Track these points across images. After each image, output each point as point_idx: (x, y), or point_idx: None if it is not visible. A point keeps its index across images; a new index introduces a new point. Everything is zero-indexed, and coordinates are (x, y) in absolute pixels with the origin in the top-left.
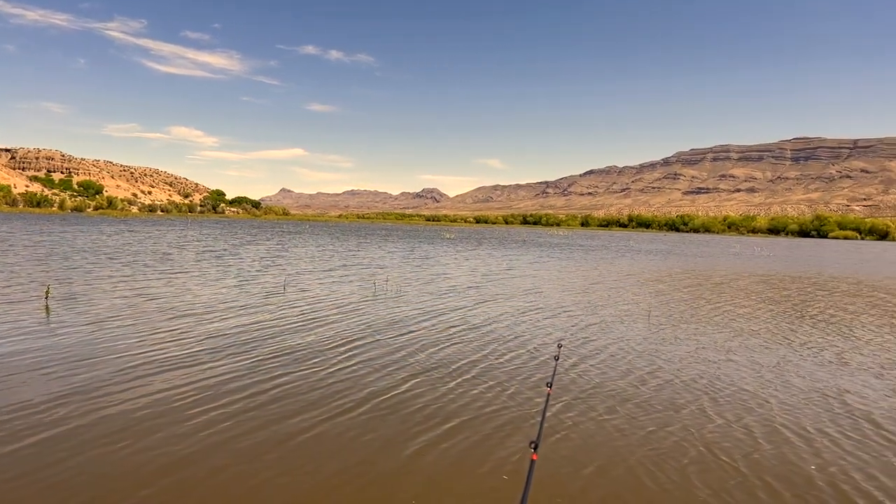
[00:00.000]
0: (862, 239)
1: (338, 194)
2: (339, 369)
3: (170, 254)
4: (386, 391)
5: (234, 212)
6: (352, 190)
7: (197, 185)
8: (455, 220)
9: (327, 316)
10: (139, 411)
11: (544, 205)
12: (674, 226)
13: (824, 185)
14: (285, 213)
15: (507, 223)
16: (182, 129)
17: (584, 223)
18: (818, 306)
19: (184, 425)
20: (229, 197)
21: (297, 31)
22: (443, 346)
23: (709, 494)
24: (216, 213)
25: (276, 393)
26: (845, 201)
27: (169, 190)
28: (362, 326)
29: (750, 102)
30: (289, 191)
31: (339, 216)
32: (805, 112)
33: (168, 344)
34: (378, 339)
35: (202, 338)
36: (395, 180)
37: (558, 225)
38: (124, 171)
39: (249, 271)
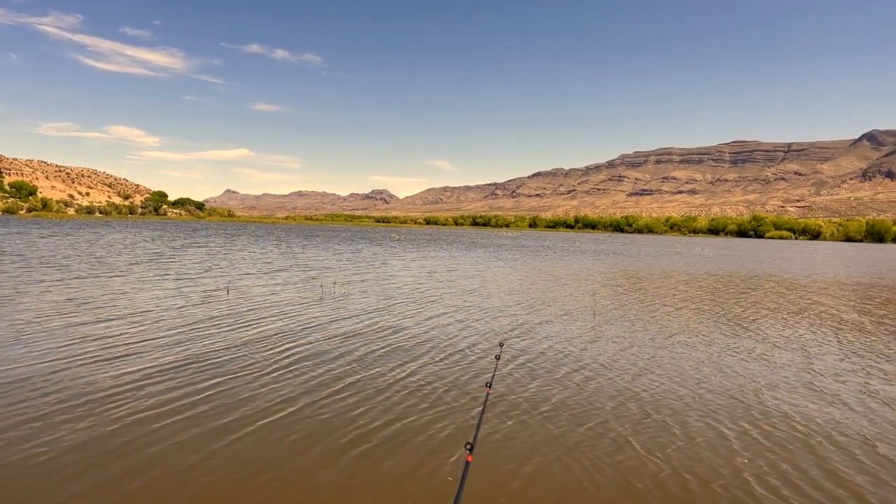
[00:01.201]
0: (796, 238)
1: (285, 195)
2: (275, 372)
3: (106, 257)
4: (322, 394)
5: (176, 213)
6: (299, 191)
7: (138, 186)
8: (405, 222)
9: (266, 318)
10: (59, 414)
11: (493, 206)
12: (619, 227)
13: (761, 187)
14: (230, 215)
15: (456, 224)
16: (122, 128)
17: (533, 224)
18: (750, 304)
19: (106, 427)
20: (172, 198)
21: (242, 29)
22: (384, 347)
23: (642, 489)
24: (158, 214)
25: (204, 396)
26: (780, 202)
27: (108, 191)
28: (302, 329)
29: (691, 106)
30: (234, 192)
31: (286, 218)
32: (742, 116)
33: (93, 346)
34: (317, 342)
35: (133, 341)
36: (343, 181)
37: (507, 226)
38: (60, 171)
39: (189, 274)
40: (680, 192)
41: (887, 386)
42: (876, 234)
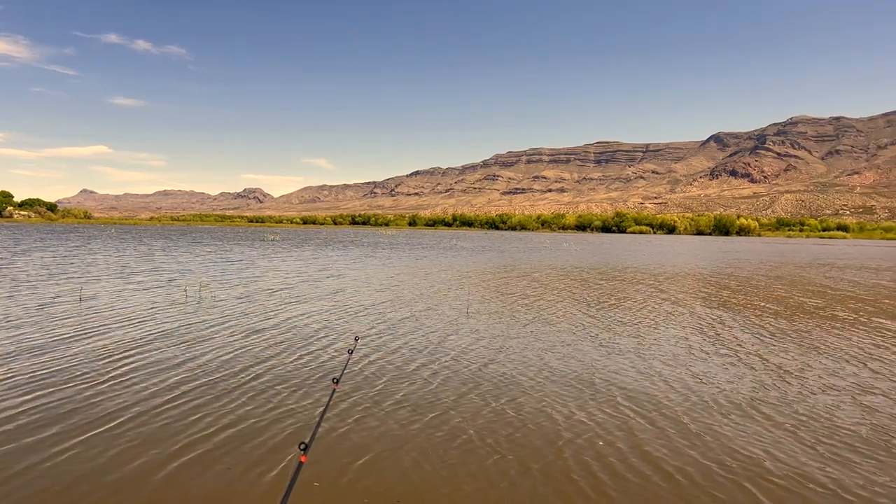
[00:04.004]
0: (654, 233)
1: (149, 195)
2: (109, 382)
3: None
4: (157, 402)
5: (24, 216)
6: (164, 190)
7: None
8: (281, 222)
9: (111, 326)
10: None
11: (372, 205)
12: (494, 224)
13: (622, 185)
14: (87, 217)
15: (335, 224)
16: None
17: (412, 223)
18: (606, 295)
19: None
20: (19, 199)
21: (98, 17)
22: (234, 351)
23: (464, 475)
24: (2, 217)
25: (23, 410)
26: (640, 199)
27: None
28: (149, 335)
29: (558, 108)
30: (91, 192)
31: (151, 219)
32: (606, 118)
33: None
34: (165, 347)
35: None
36: (214, 180)
37: (387, 225)
38: None
39: (29, 280)
40: (550, 190)
41: (707, 367)
42: (722, 228)
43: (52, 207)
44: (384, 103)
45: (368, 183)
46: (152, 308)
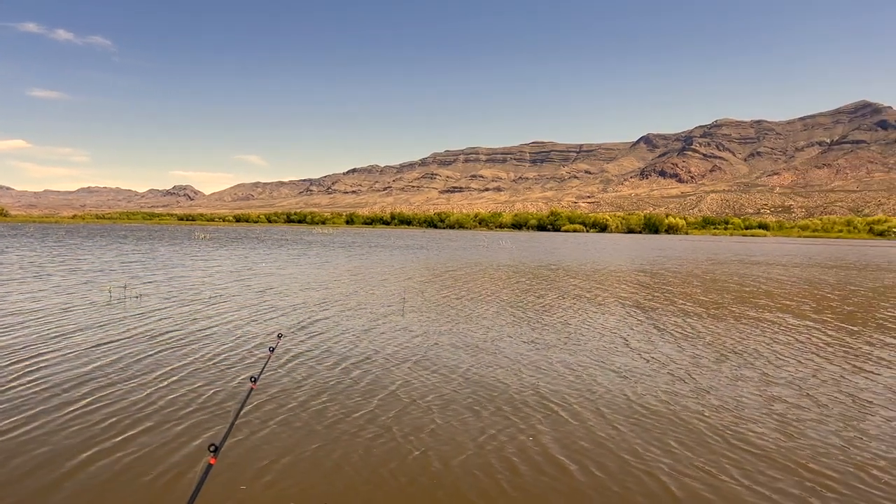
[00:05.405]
0: (587, 231)
1: (71, 192)
2: (15, 386)
3: None
4: (67, 408)
5: None
6: (88, 187)
7: None
8: (213, 220)
9: (19, 326)
10: None
11: (308, 203)
12: (432, 223)
13: (557, 185)
14: (3, 215)
15: (270, 222)
16: None
17: (350, 221)
18: (537, 292)
19: None
20: None
21: (14, 4)
22: (155, 351)
23: (385, 474)
24: None
25: None
26: (574, 199)
27: None
28: (62, 336)
29: (495, 107)
30: (8, 188)
31: (74, 217)
32: (541, 118)
33: None
34: (78, 350)
35: None
36: (141, 177)
37: (324, 223)
38: None
39: None
40: (487, 189)
41: (630, 360)
42: (652, 227)
43: None
44: (319, 99)
45: (304, 180)
46: (67, 309)
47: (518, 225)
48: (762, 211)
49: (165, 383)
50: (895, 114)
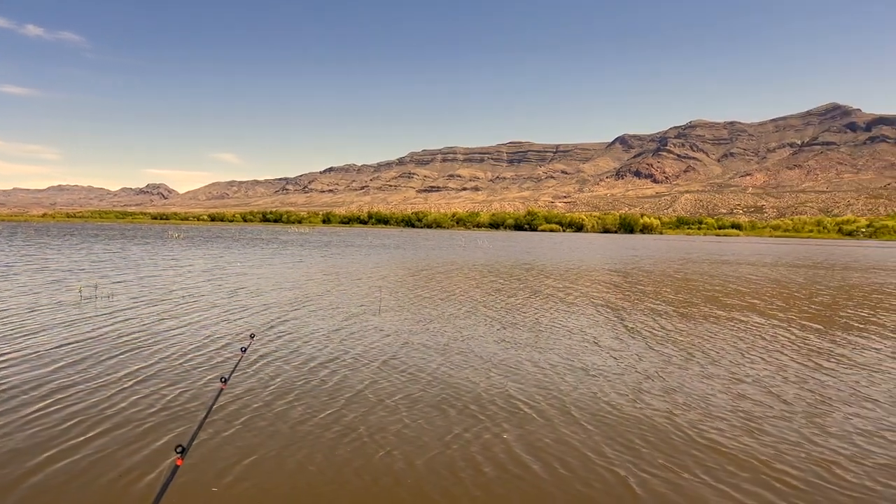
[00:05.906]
0: (563, 231)
1: (41, 190)
2: None
3: None
4: (30, 408)
5: None
6: (59, 185)
7: None
8: (187, 219)
9: None
10: None
11: (285, 202)
12: (410, 222)
13: (534, 185)
14: None
15: (245, 221)
16: None
17: (326, 220)
18: (513, 291)
19: None
20: None
21: None
22: (124, 351)
23: (349, 473)
24: None
25: None
26: (550, 198)
27: None
28: (26, 336)
29: (472, 107)
30: None
31: (44, 215)
32: (518, 118)
33: None
34: (43, 350)
35: None
36: (114, 175)
37: (300, 222)
38: None
39: None
40: (465, 188)
41: (600, 359)
42: (627, 226)
43: None
44: (296, 97)
45: (280, 179)
46: (33, 309)
47: (495, 224)
48: (735, 211)
49: (131, 383)
50: (864, 116)
